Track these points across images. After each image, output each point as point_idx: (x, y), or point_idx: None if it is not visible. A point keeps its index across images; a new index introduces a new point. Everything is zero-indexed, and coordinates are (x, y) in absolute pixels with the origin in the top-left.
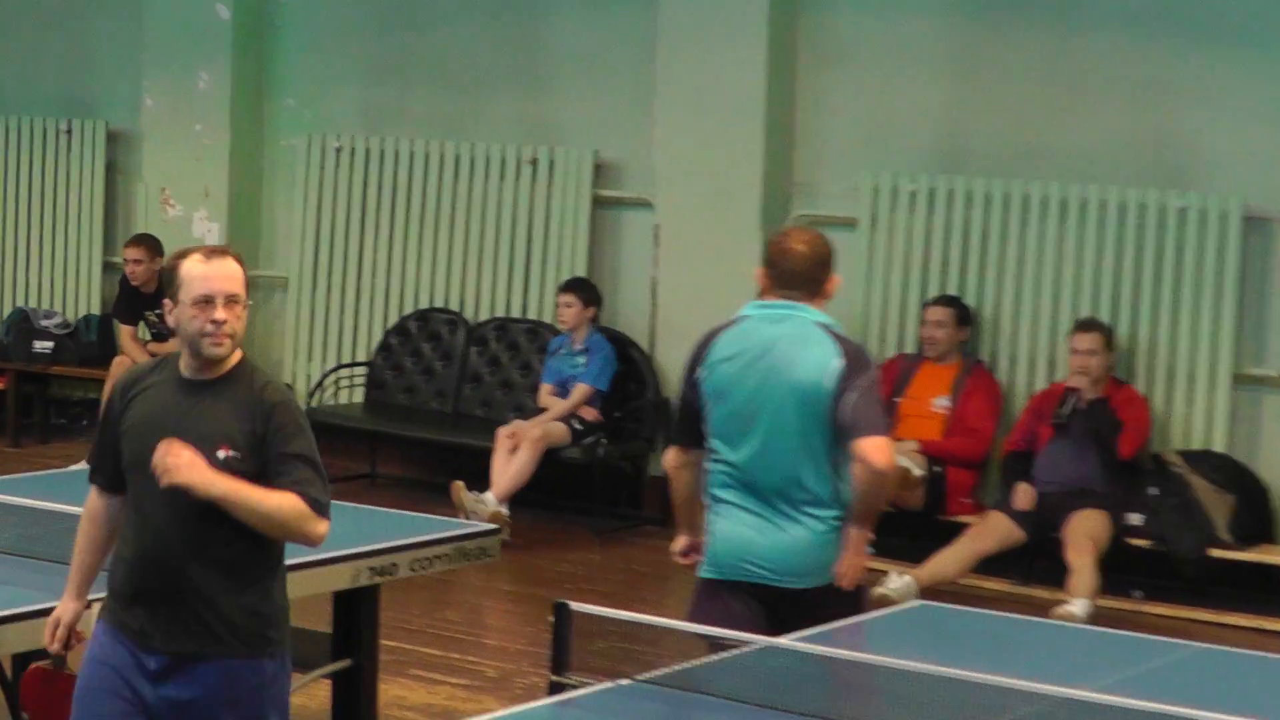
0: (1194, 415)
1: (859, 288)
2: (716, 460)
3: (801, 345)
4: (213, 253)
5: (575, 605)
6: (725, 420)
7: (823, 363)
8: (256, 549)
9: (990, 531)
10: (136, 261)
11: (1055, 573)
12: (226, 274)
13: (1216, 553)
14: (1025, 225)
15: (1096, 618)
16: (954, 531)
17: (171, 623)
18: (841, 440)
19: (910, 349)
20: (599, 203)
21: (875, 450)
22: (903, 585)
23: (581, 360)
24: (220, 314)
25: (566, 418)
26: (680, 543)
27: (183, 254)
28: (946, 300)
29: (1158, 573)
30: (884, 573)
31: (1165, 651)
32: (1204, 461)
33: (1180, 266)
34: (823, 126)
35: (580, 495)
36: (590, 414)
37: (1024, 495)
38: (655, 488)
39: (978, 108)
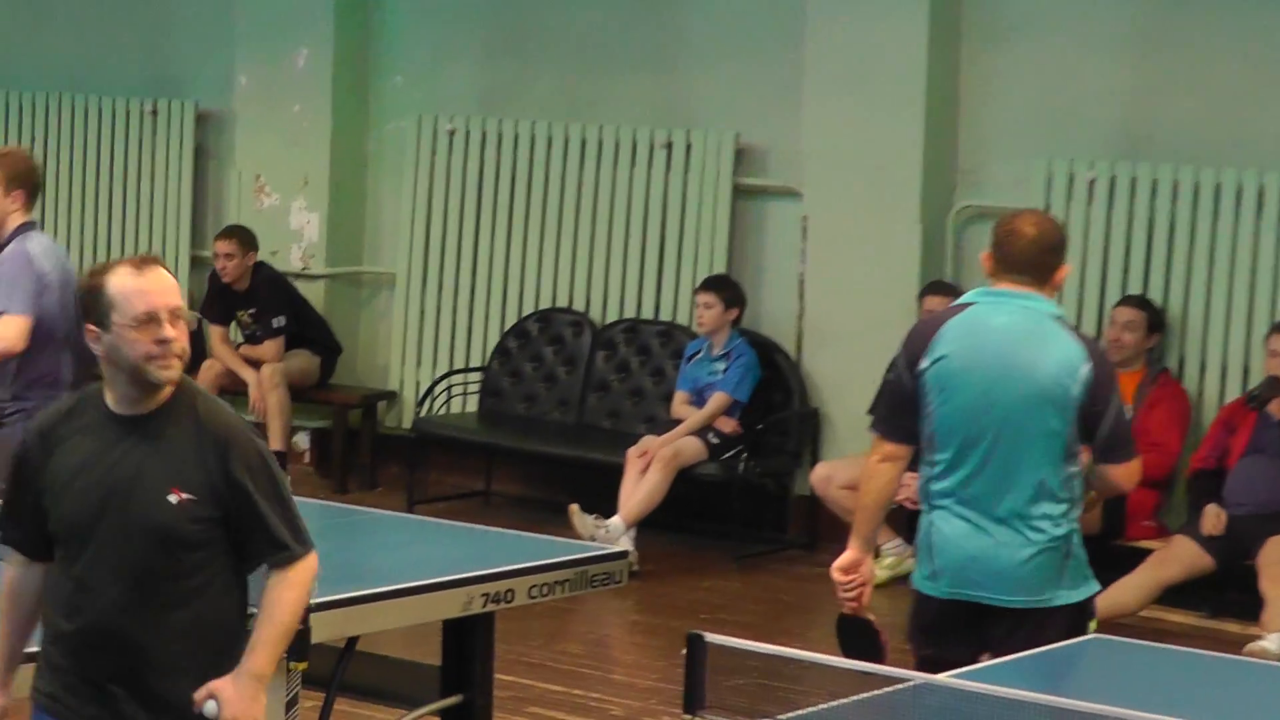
0: None
1: None
2: (935, 463)
3: (1041, 341)
4: (144, 263)
5: (711, 637)
6: (951, 418)
7: (1069, 365)
8: (223, 610)
9: (1175, 558)
10: (228, 256)
11: (1248, 605)
12: (165, 286)
13: None
14: (1218, 217)
15: None
16: (1135, 558)
17: (135, 709)
18: (1095, 455)
19: None
20: (741, 192)
21: (1131, 477)
22: None
23: (721, 367)
24: (167, 331)
25: (702, 431)
26: (848, 557)
27: (104, 270)
28: (1138, 301)
29: None
30: None
31: None
32: None
33: None
34: (990, 108)
35: (717, 516)
36: (729, 426)
37: (1213, 518)
38: (800, 508)
39: (1165, 87)
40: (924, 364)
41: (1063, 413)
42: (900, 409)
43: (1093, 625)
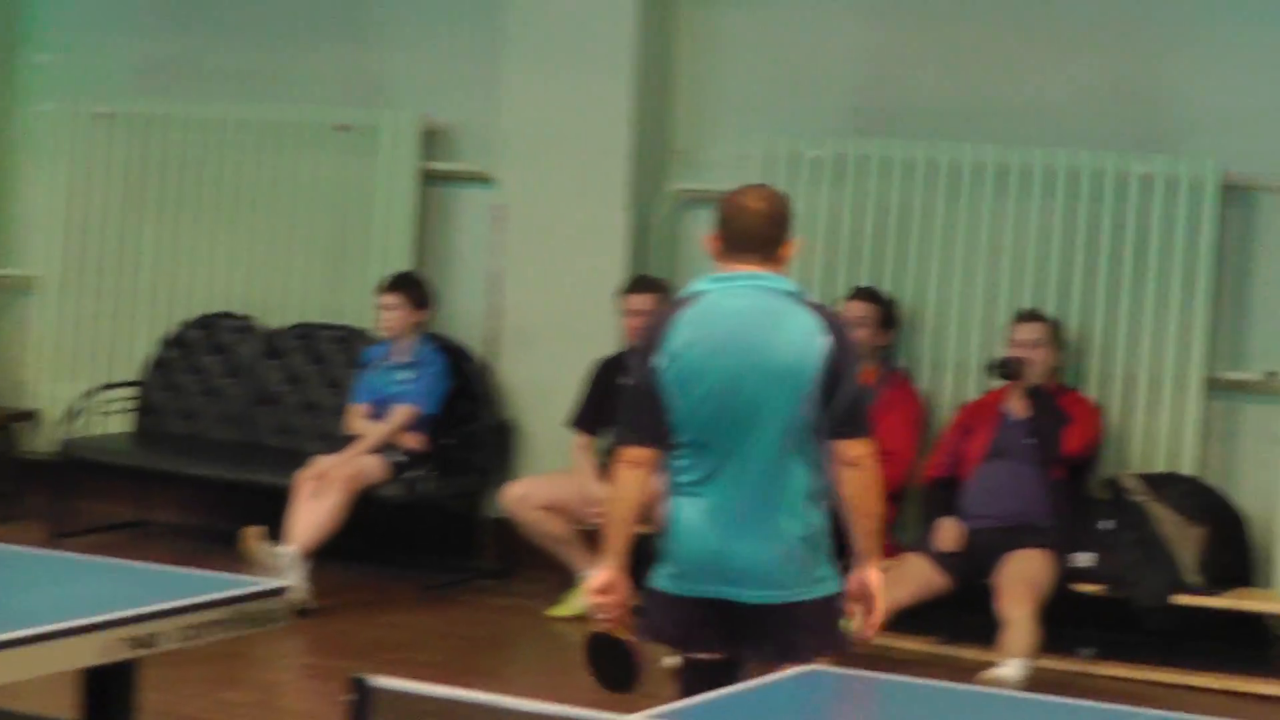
0: (1158, 430)
1: None
2: (679, 457)
3: (777, 321)
4: None
5: (380, 681)
6: (692, 411)
7: (807, 342)
8: None
9: (907, 578)
10: None
11: (987, 628)
12: None
13: (1184, 599)
14: (955, 198)
15: (1036, 681)
16: None
17: None
18: (827, 432)
19: None
20: (429, 178)
21: (868, 454)
22: None
23: (406, 375)
24: None
25: (385, 448)
26: (603, 577)
27: None
28: (868, 294)
29: (1112, 625)
30: None
31: None
32: (1170, 487)
33: (1143, 247)
34: (707, 81)
35: (402, 544)
36: (416, 442)
37: (949, 533)
38: (493, 533)
39: (902, 57)
40: (660, 360)
41: (805, 395)
42: (642, 411)
43: (845, 624)
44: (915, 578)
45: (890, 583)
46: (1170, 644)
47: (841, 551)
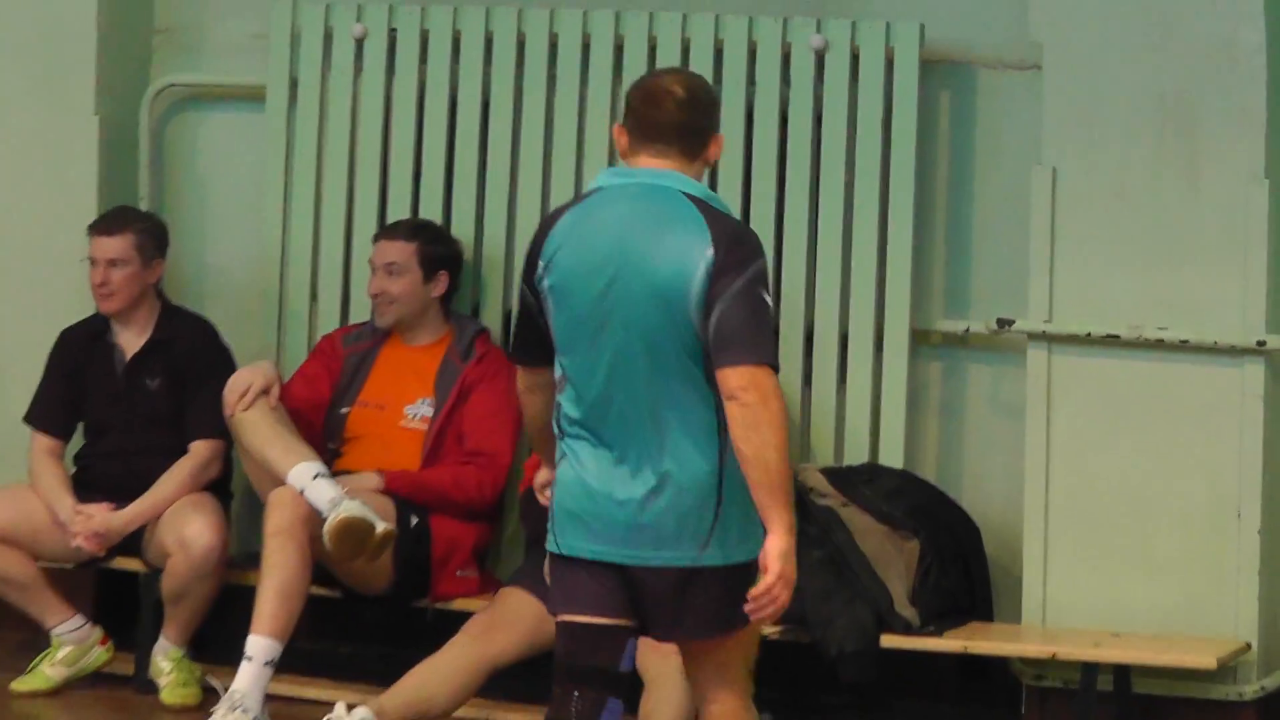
0: (850, 406)
1: (261, 211)
2: (565, 392)
3: (662, 227)
4: None
5: None
6: (568, 332)
7: (686, 251)
8: None
9: (506, 623)
10: None
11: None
12: None
13: (894, 641)
14: (549, 86)
15: None
16: (448, 627)
17: None
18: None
19: (360, 316)
20: None
21: (755, 383)
22: None
23: None
24: None
25: None
26: (543, 475)
27: None
28: (410, 229)
29: (798, 677)
30: (327, 706)
31: None
32: (869, 485)
33: (817, 148)
34: None
35: None
36: None
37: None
38: None
39: None
40: (539, 270)
41: (688, 316)
42: (528, 328)
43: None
44: (516, 623)
45: (479, 634)
46: (876, 701)
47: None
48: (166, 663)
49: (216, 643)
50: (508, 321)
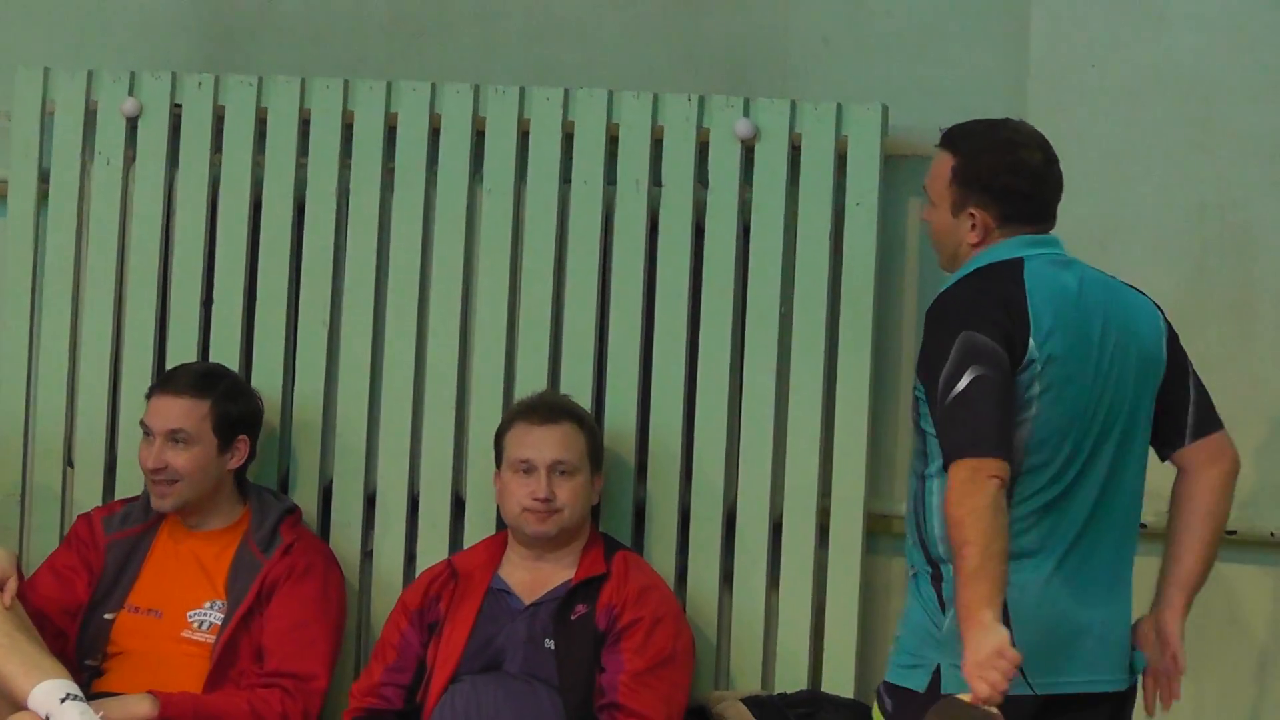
0: (782, 614)
1: None
2: (1026, 489)
3: (1123, 297)
4: None
5: None
6: (1058, 424)
7: (1154, 322)
8: None
9: None
10: None
11: None
12: None
13: None
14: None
15: None
16: None
17: None
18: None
19: (128, 490)
20: None
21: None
22: None
23: None
24: None
25: None
26: (1002, 636)
27: None
28: (200, 381)
29: None
30: None
31: None
32: (809, 719)
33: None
34: None
35: None
36: None
37: None
38: None
39: None
40: (1033, 345)
41: (1156, 392)
42: (1007, 413)
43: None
44: None
45: None
46: None
47: None
48: None
49: None
50: (326, 498)
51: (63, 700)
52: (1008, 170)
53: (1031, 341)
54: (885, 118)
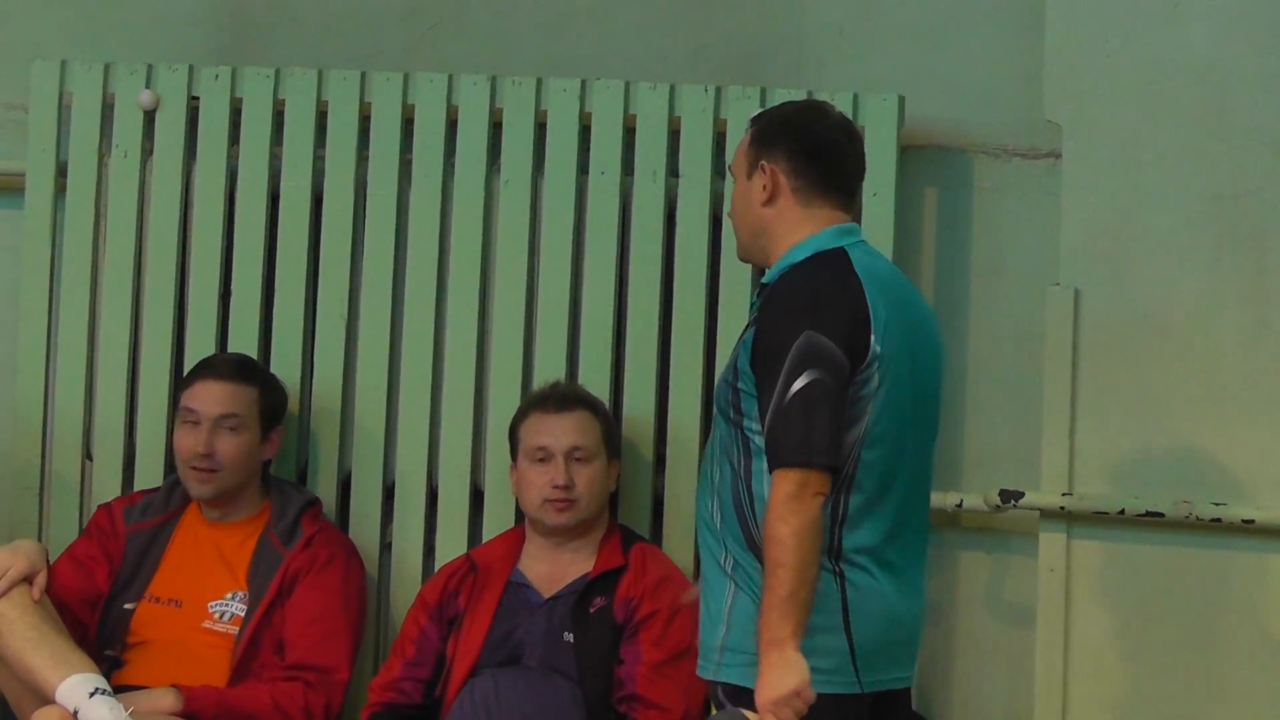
0: None
1: (16, 338)
2: (862, 485)
3: (911, 286)
4: None
5: None
6: (891, 417)
7: (931, 310)
8: None
9: None
10: None
11: None
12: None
13: None
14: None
15: None
16: None
17: None
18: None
19: (147, 481)
20: None
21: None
22: None
23: None
24: None
25: None
26: (804, 675)
27: None
28: (246, 368)
29: None
30: None
31: None
32: None
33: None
34: None
35: None
36: None
37: None
38: None
39: None
40: (874, 342)
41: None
42: (839, 419)
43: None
44: None
45: None
46: None
47: None
48: None
49: None
50: (345, 490)
51: (91, 694)
52: (801, 131)
53: (873, 338)
54: (901, 108)
